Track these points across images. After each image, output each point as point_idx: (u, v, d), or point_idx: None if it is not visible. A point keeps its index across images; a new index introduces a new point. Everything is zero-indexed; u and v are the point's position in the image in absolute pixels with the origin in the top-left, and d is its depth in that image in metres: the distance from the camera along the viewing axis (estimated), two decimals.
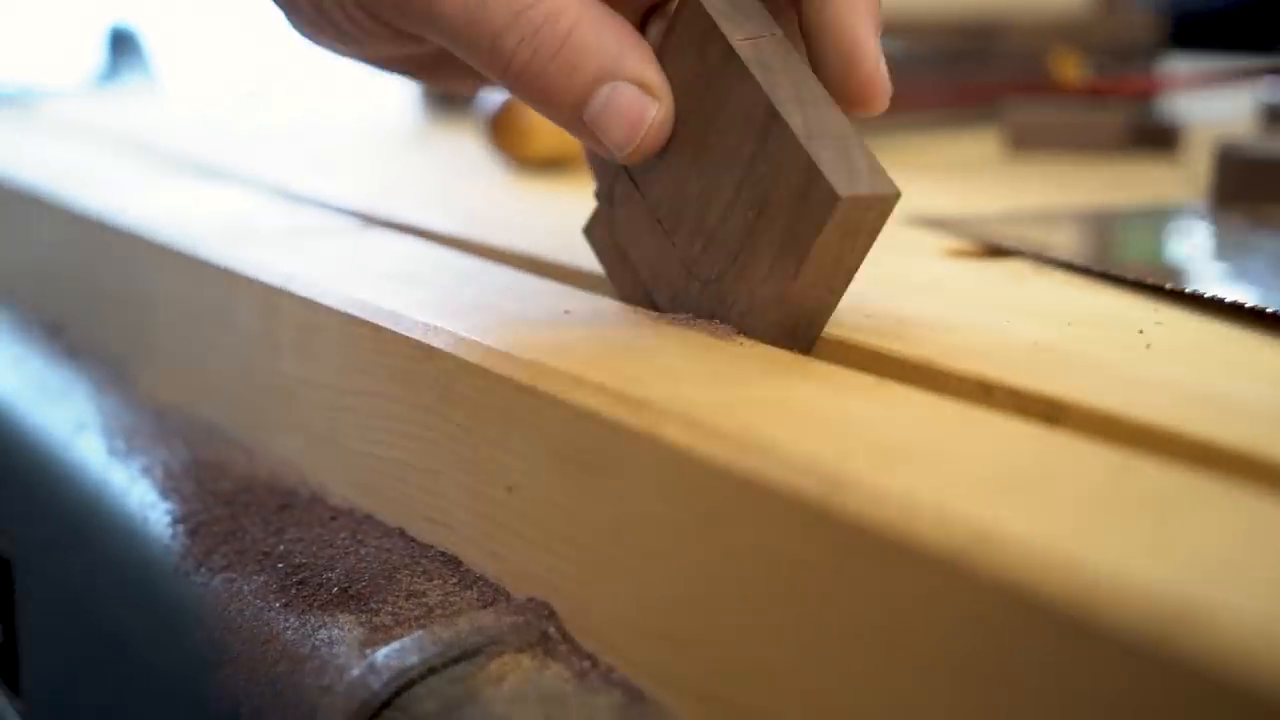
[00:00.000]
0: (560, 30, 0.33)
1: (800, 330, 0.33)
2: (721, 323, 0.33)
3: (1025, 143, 0.67)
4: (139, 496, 0.40)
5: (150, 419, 0.46)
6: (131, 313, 0.50)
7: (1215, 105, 0.78)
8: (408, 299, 0.37)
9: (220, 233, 0.48)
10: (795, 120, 0.31)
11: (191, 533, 0.37)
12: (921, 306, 0.36)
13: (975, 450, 0.25)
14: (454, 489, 0.33)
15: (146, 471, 0.41)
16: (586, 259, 0.39)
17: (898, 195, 0.31)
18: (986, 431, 0.26)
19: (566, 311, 0.35)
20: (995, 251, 0.44)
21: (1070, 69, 0.80)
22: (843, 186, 0.30)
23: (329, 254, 0.43)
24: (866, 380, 0.30)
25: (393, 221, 0.49)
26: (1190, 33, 1.07)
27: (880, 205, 0.31)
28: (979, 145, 0.70)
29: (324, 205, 0.53)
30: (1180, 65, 0.98)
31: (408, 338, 0.35)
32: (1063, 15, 0.93)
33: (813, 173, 0.30)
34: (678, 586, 0.27)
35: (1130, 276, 0.39)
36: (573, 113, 0.33)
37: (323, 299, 0.38)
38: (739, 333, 0.33)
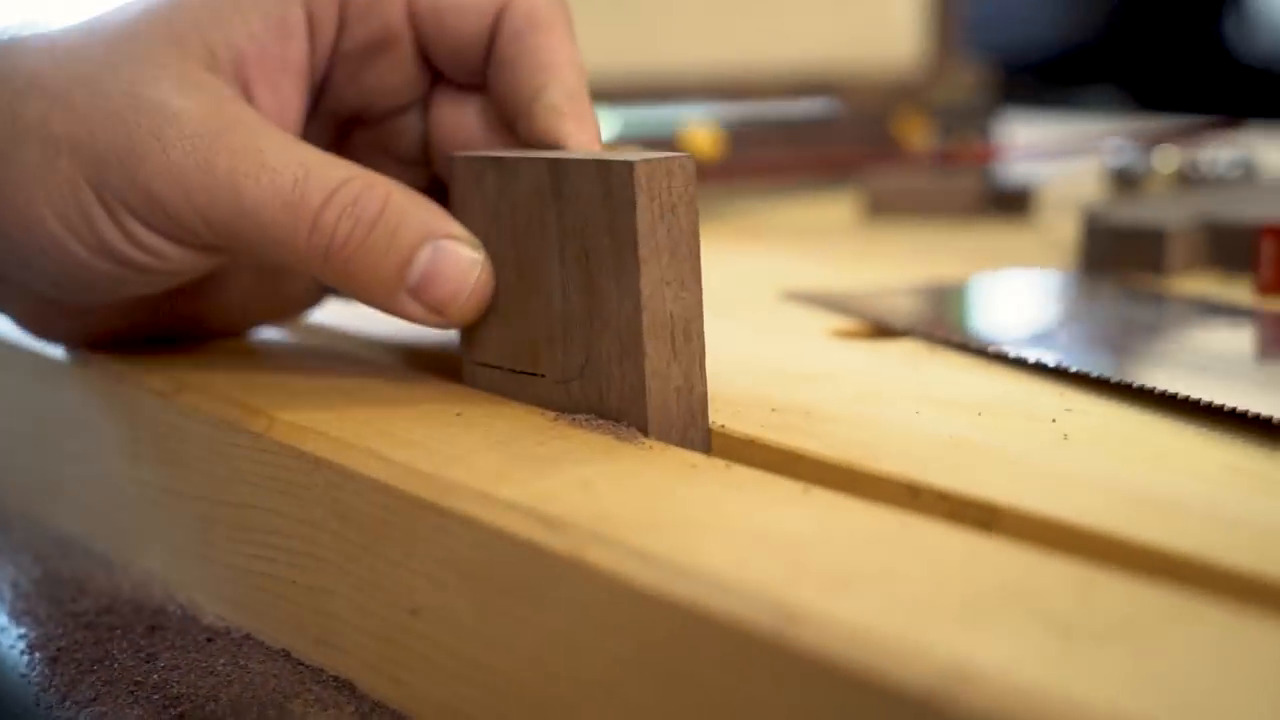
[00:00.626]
0: (378, 198, 0.34)
1: (679, 346, 0.32)
2: (608, 415, 0.32)
3: (881, 208, 0.67)
4: None
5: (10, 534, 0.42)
6: None
7: (1058, 168, 0.79)
8: (283, 400, 0.34)
9: None
10: (572, 156, 0.33)
11: (51, 660, 0.34)
12: (824, 398, 0.35)
13: (925, 570, 0.24)
14: (348, 610, 0.31)
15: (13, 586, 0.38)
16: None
17: (690, 156, 0.32)
18: (931, 545, 0.25)
19: (458, 414, 0.33)
20: (883, 331, 0.43)
21: (915, 133, 0.81)
22: (633, 160, 0.31)
23: (175, 353, 0.41)
24: (790, 488, 0.28)
25: None
26: (1020, 82, 1.09)
27: (680, 171, 0.32)
28: (834, 211, 0.69)
29: None
30: (1017, 123, 1.00)
31: (288, 445, 0.32)
32: (899, 73, 0.94)
33: (603, 168, 0.32)
34: (611, 716, 0.25)
35: (1030, 360, 0.38)
36: (397, 280, 0.34)
37: (192, 401, 0.36)
38: (632, 426, 0.32)
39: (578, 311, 0.33)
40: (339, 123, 0.39)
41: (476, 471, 0.29)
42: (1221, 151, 0.68)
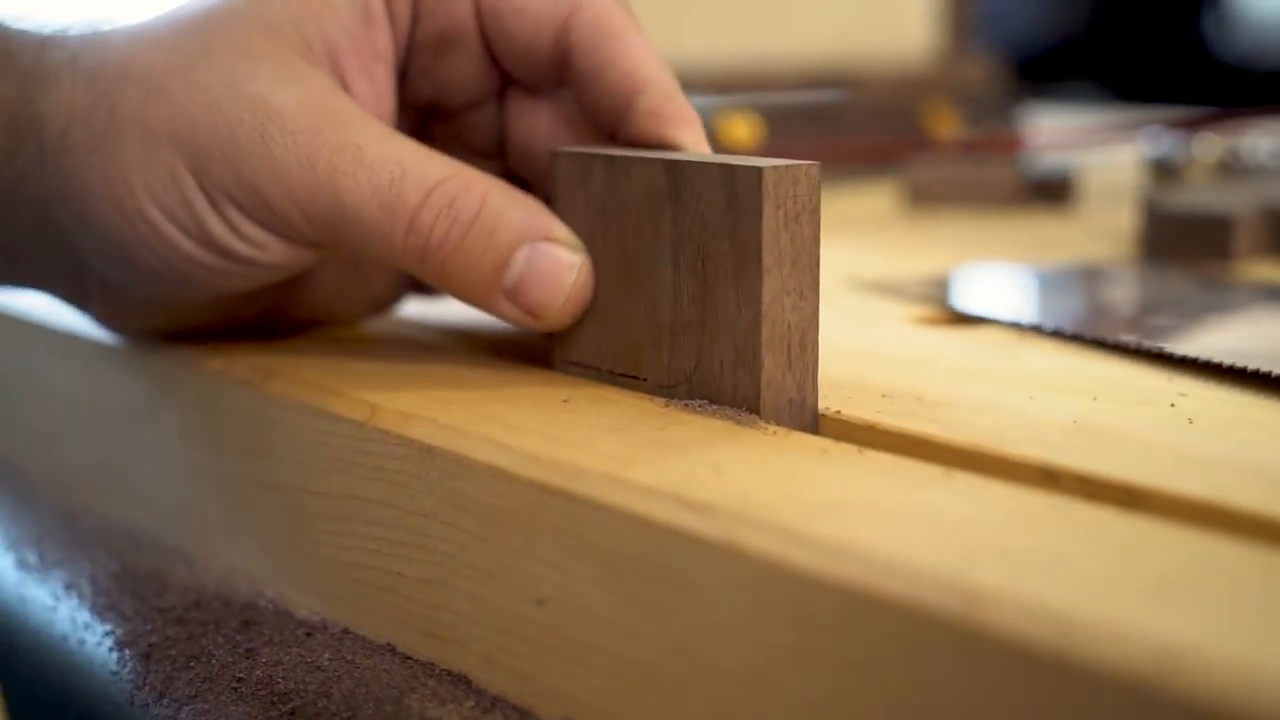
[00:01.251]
0: (474, 199, 0.33)
1: (794, 357, 0.31)
2: (724, 404, 0.32)
3: (923, 198, 0.66)
4: (68, 617, 0.36)
5: (59, 525, 0.41)
6: (25, 406, 0.46)
7: (1094, 156, 0.78)
8: (381, 387, 0.34)
9: None
10: (692, 159, 0.32)
11: (144, 657, 0.33)
12: (930, 384, 0.34)
13: (1101, 550, 0.24)
14: (463, 602, 0.30)
15: (71, 588, 0.37)
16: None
17: (816, 165, 0.31)
18: (1096, 526, 0.25)
19: (565, 400, 0.33)
20: (962, 318, 0.43)
21: (943, 124, 0.81)
22: (761, 166, 0.30)
23: (262, 342, 0.40)
24: (930, 471, 0.28)
25: None
26: (1030, 70, 1.09)
27: (805, 177, 0.31)
28: (876, 201, 0.69)
29: None
30: (1043, 114, 1.00)
31: (394, 433, 0.32)
32: (913, 65, 0.93)
33: (729, 174, 0.31)
34: (767, 705, 0.25)
35: (1132, 345, 0.38)
36: (493, 281, 0.33)
37: (281, 391, 0.35)
38: (752, 412, 0.31)
39: (690, 317, 0.32)
40: (417, 115, 0.38)
41: (603, 456, 0.28)
42: (1261, 140, 0.67)
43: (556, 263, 0.33)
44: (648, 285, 0.33)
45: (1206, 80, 2.13)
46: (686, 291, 0.32)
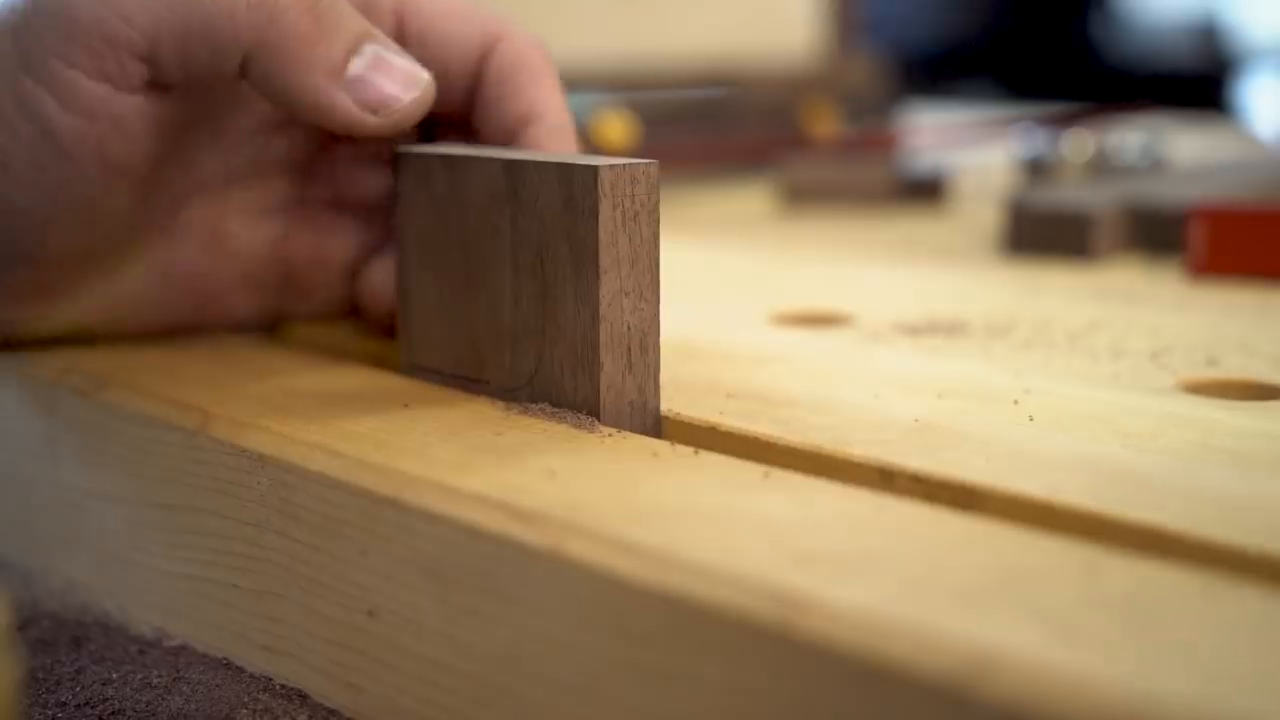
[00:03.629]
0: None
1: (635, 359, 0.31)
2: (564, 407, 0.31)
3: (798, 197, 0.66)
4: None
5: None
6: None
7: (967, 156, 0.79)
8: (215, 395, 0.33)
9: None
10: (531, 158, 0.31)
11: None
12: (778, 383, 0.34)
13: (923, 553, 0.23)
14: (297, 613, 0.30)
15: None
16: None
17: (655, 163, 0.31)
18: (922, 528, 0.24)
19: (405, 405, 0.32)
20: (822, 317, 0.42)
21: (822, 122, 0.81)
22: (596, 165, 0.30)
23: (100, 347, 0.39)
24: (757, 471, 0.27)
25: None
26: (918, 74, 1.10)
27: (644, 176, 0.31)
28: (751, 200, 0.69)
29: None
30: (919, 113, 1.00)
31: (226, 442, 0.31)
32: (796, 64, 0.93)
33: (565, 172, 0.30)
34: (595, 716, 0.24)
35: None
36: (338, 66, 0.32)
37: (115, 399, 0.34)
38: (592, 415, 0.30)
39: (530, 319, 0.32)
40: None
41: (435, 463, 0.28)
42: (1130, 139, 0.68)
43: (406, 65, 0.33)
44: (488, 287, 0.32)
45: (1093, 80, 2.17)
46: (526, 293, 0.32)
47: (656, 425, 0.32)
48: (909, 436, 0.30)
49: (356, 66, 0.32)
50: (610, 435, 0.30)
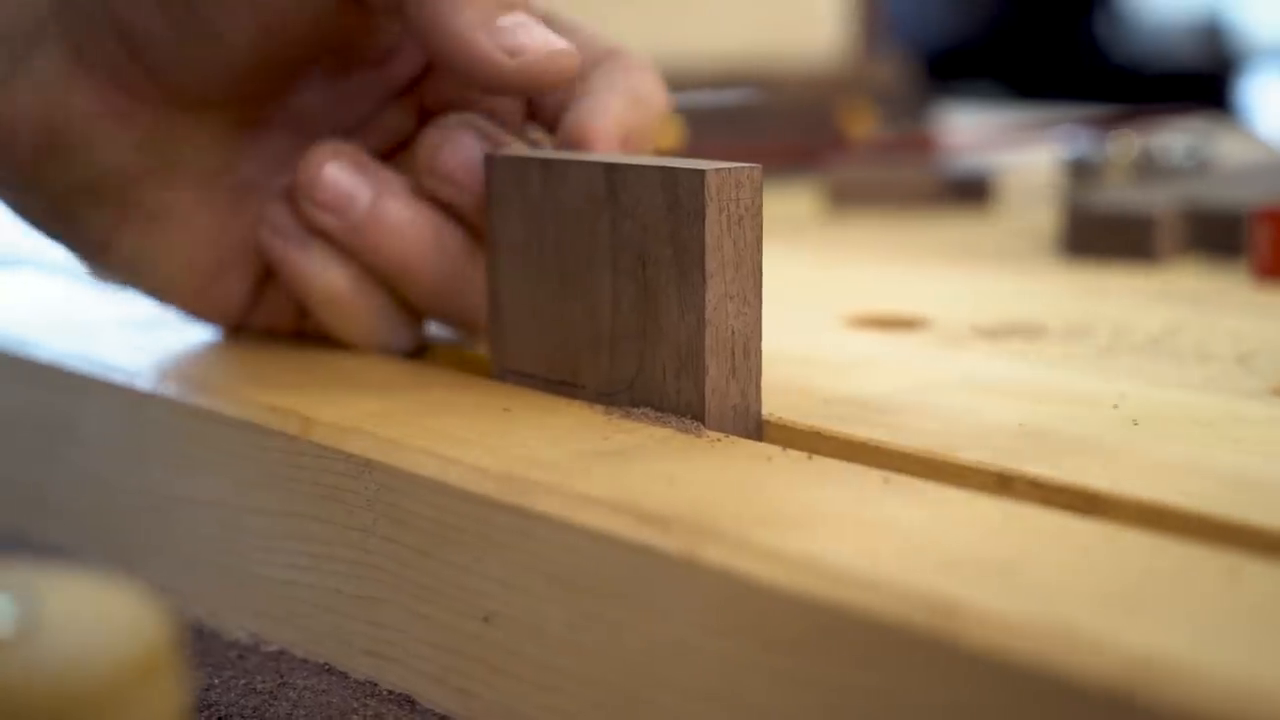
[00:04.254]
0: None
1: (738, 363, 0.31)
2: (667, 412, 0.31)
3: (844, 199, 0.66)
4: None
5: None
6: None
7: (1010, 157, 0.79)
8: (315, 399, 0.33)
9: (38, 324, 0.42)
10: (631, 161, 0.31)
11: None
12: (870, 387, 0.34)
13: (1066, 558, 0.23)
14: (404, 618, 0.30)
15: None
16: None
17: (759, 167, 0.31)
18: (1057, 533, 0.24)
19: (506, 409, 0.32)
20: (897, 321, 0.42)
21: (860, 124, 0.81)
22: (704, 169, 0.30)
23: (190, 350, 0.39)
24: (876, 477, 0.27)
25: None
26: (933, 69, 1.10)
27: (748, 180, 0.31)
28: (797, 202, 0.69)
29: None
30: (953, 113, 1.00)
31: (330, 448, 0.31)
32: (827, 65, 0.93)
33: (670, 176, 0.30)
34: None
35: None
36: (488, 17, 0.32)
37: (210, 404, 0.34)
38: (696, 420, 0.30)
39: (630, 323, 0.31)
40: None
41: (551, 468, 0.28)
42: (1175, 140, 0.68)
43: (553, 36, 0.33)
44: (586, 291, 0.32)
45: (1097, 80, 2.17)
46: (626, 297, 0.32)
47: (758, 429, 0.31)
48: (1018, 441, 0.30)
49: (504, 21, 0.32)
50: (719, 440, 0.30)
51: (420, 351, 0.37)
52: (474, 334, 0.36)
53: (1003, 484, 0.28)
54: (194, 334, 0.41)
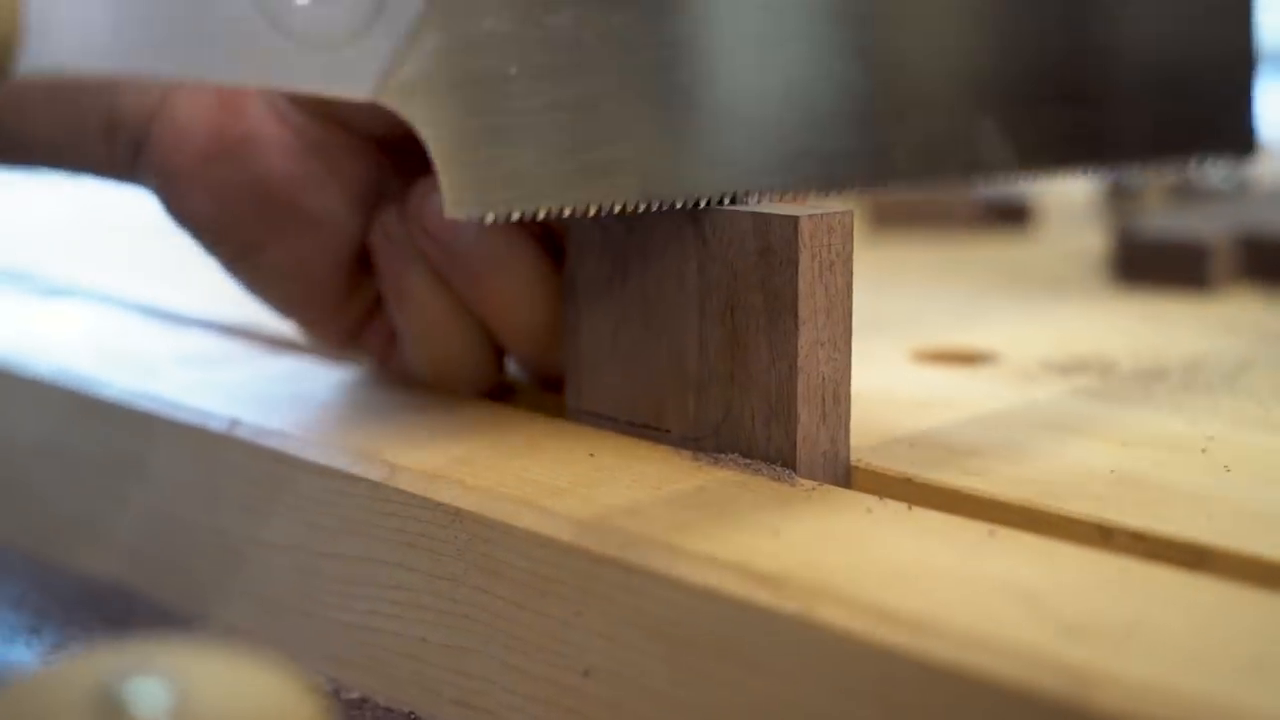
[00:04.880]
0: None
1: (828, 409, 0.31)
2: (755, 458, 0.31)
3: (885, 222, 0.66)
4: None
5: (36, 584, 0.40)
6: None
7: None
8: (398, 443, 0.32)
9: (94, 358, 0.42)
10: (719, 205, 0.31)
11: None
12: (951, 429, 0.34)
13: (1191, 621, 0.23)
14: (496, 669, 0.29)
15: (61, 651, 0.36)
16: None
17: (851, 212, 0.31)
18: (1175, 593, 0.24)
19: (591, 455, 0.32)
20: (965, 355, 0.42)
21: None
22: (797, 215, 0.30)
23: (260, 390, 0.38)
24: (981, 530, 0.27)
25: (291, 340, 0.44)
26: None
27: (839, 225, 0.30)
28: None
29: (192, 321, 0.48)
30: None
31: (417, 495, 0.31)
32: None
33: (762, 222, 0.30)
34: None
35: None
36: None
37: (285, 447, 0.34)
38: (786, 466, 0.30)
39: (717, 367, 0.31)
40: None
41: (651, 520, 0.28)
42: (1213, 165, 0.68)
43: None
44: (671, 334, 0.32)
45: None
46: (713, 342, 0.31)
47: (847, 475, 0.31)
48: (1114, 490, 0.29)
49: None
50: (814, 489, 0.30)
51: (496, 393, 0.37)
52: (553, 377, 0.36)
53: (1104, 535, 0.28)
54: (258, 369, 0.40)
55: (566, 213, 0.30)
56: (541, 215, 0.29)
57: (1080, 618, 0.23)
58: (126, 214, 0.75)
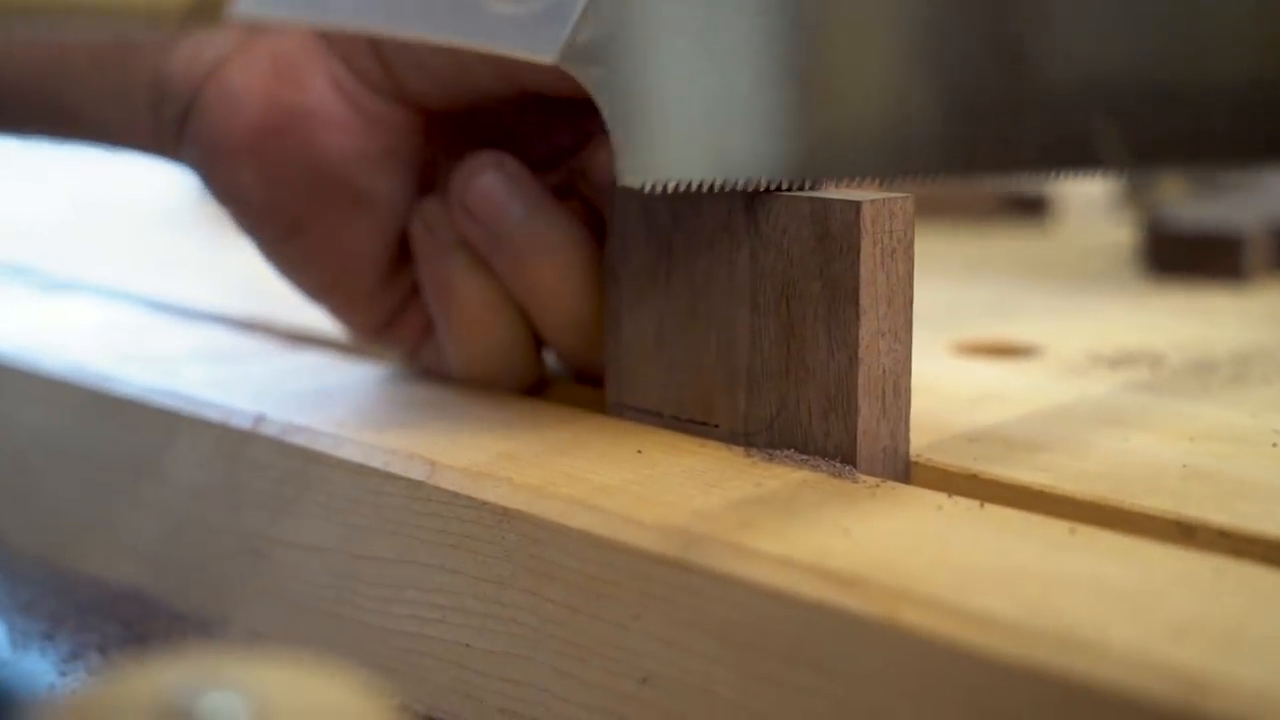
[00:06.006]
0: None
1: (889, 403, 0.29)
2: (811, 453, 0.30)
3: None
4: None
5: (48, 589, 0.38)
6: None
7: None
8: (442, 439, 0.31)
9: (109, 354, 0.41)
10: (774, 191, 0.30)
11: None
12: (1011, 423, 0.33)
13: None
14: (546, 676, 0.28)
15: (77, 658, 0.34)
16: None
17: (910, 197, 0.30)
18: (1268, 592, 0.23)
19: (639, 452, 0.30)
20: (1008, 348, 0.41)
21: None
22: (858, 200, 0.29)
23: (285, 386, 0.37)
24: (1060, 528, 0.26)
25: (310, 334, 0.43)
26: None
27: (900, 211, 0.29)
28: None
29: (205, 316, 0.46)
30: None
31: (461, 495, 0.29)
32: None
33: (821, 207, 0.29)
34: None
35: None
36: None
37: (316, 445, 0.32)
38: (846, 462, 0.29)
39: (770, 360, 0.30)
40: None
41: (711, 519, 0.26)
42: None
43: None
44: (720, 326, 0.31)
45: None
46: (766, 333, 0.30)
47: (906, 471, 0.30)
48: (1189, 485, 0.28)
49: None
50: (878, 485, 0.28)
51: (532, 387, 0.35)
52: (592, 371, 0.34)
53: (1185, 533, 0.26)
54: (279, 365, 0.39)
55: (755, 185, 0.30)
56: (716, 187, 0.29)
57: (1181, 619, 0.22)
58: (119, 208, 0.74)
